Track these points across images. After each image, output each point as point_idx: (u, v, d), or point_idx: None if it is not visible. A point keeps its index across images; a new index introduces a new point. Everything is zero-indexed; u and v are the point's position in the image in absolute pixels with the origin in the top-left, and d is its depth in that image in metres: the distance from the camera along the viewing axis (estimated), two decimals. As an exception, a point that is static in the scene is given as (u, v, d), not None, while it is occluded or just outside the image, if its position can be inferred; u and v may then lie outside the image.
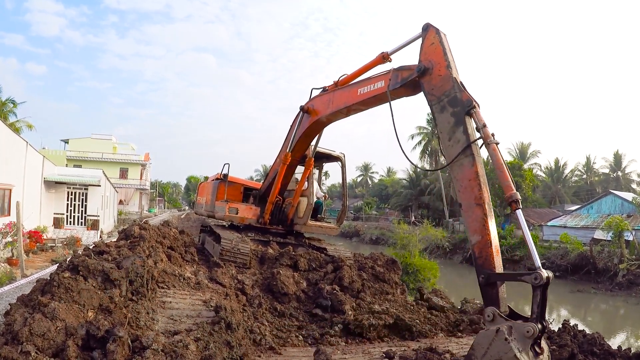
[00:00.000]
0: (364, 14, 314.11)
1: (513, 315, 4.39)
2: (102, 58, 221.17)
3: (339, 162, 11.17)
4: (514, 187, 4.58)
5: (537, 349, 4.03)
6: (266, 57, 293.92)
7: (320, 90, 8.47)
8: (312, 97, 8.63)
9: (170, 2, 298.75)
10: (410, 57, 6.18)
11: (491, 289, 4.44)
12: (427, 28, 5.79)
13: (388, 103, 6.24)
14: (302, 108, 8.70)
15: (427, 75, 5.62)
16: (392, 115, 6.07)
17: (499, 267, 4.53)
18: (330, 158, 11.30)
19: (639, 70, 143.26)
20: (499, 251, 4.62)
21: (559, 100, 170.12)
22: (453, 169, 5.04)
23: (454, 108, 5.17)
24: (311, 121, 8.53)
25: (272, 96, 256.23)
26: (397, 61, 6.93)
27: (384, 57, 6.99)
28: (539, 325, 4.01)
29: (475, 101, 5.10)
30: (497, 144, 4.88)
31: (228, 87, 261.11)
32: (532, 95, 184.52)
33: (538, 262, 4.26)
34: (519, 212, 4.51)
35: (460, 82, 5.35)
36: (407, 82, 6.01)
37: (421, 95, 5.95)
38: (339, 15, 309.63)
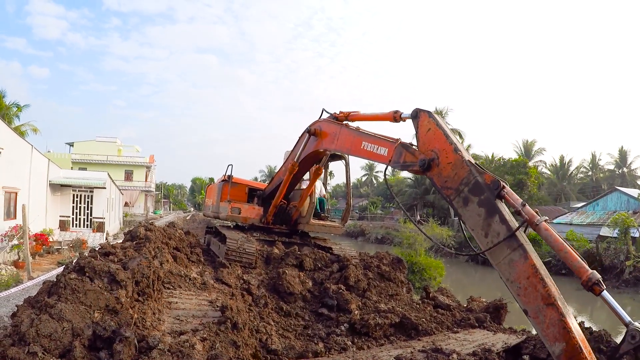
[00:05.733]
0: (367, 14, 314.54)
1: None
2: (105, 61, 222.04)
3: (343, 161, 11.15)
4: (587, 267, 3.71)
5: None
6: (269, 57, 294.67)
7: (329, 115, 8.07)
8: (321, 118, 8.27)
9: (173, 4, 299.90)
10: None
11: None
12: (417, 115, 5.11)
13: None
14: (308, 130, 8.33)
15: (435, 167, 4.77)
16: (386, 181, 6.34)
17: None
18: (334, 157, 11.29)
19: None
20: (590, 350, 3.60)
21: (563, 97, 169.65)
22: (502, 269, 4.10)
23: (479, 196, 4.30)
24: (316, 147, 8.29)
25: (274, 96, 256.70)
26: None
27: (396, 119, 6.20)
28: None
29: (501, 180, 4.27)
30: (545, 221, 4.06)
31: (230, 87, 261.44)
32: (536, 93, 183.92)
33: (627, 317, 3.51)
34: (605, 294, 3.59)
35: (476, 163, 4.51)
36: (408, 169, 5.41)
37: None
38: (342, 15, 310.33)
